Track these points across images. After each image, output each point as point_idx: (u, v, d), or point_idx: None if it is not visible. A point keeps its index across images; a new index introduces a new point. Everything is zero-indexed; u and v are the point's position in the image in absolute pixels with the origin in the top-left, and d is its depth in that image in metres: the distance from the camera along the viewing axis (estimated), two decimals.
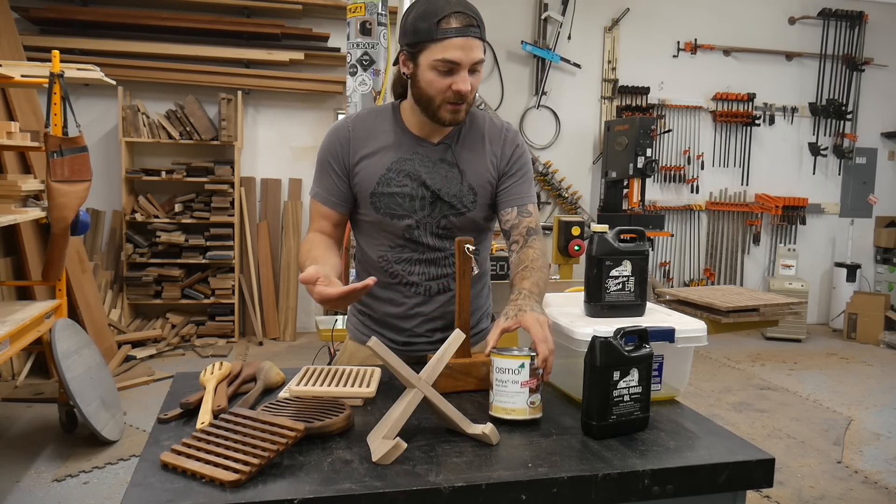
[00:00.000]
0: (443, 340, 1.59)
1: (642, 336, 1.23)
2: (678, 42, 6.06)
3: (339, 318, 3.58)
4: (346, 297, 1.27)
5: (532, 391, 1.22)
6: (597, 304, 1.43)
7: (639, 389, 1.21)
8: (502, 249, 3.69)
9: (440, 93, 1.44)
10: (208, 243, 5.15)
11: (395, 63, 1.53)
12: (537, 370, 1.23)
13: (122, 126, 4.96)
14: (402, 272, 1.58)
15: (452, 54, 1.40)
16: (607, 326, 1.30)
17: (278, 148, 5.49)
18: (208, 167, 5.13)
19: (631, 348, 1.21)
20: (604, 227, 1.51)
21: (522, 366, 1.21)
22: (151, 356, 4.71)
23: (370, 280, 1.29)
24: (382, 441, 1.06)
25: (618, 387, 1.19)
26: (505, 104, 5.73)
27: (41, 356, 4.21)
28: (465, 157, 1.57)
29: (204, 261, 5.16)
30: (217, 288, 5.18)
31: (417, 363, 1.36)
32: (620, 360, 1.19)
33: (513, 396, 1.22)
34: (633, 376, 1.21)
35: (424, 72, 1.44)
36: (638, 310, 1.44)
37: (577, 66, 5.83)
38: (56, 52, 3.24)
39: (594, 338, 1.20)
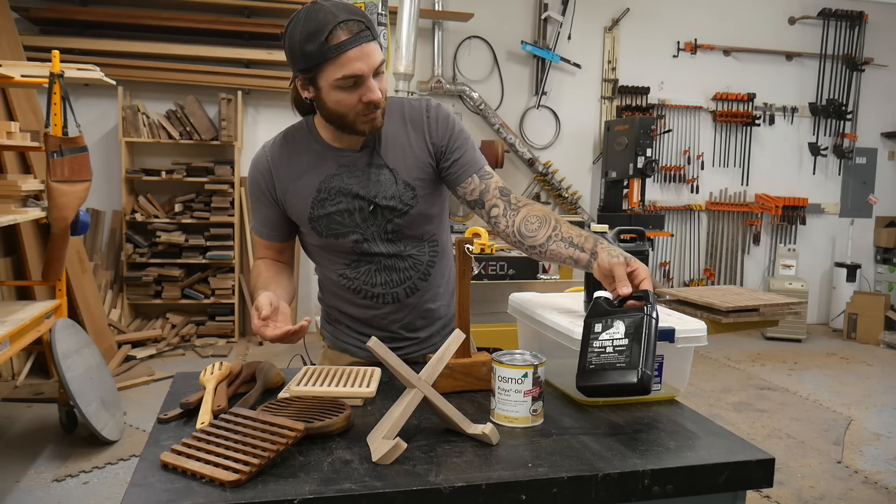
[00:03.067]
0: (426, 339, 1.62)
1: (642, 297, 1.23)
2: (678, 42, 6.06)
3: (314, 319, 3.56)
4: (282, 338, 1.29)
5: (535, 399, 1.22)
6: None
7: (624, 342, 1.17)
8: (503, 249, 3.69)
9: (351, 108, 1.37)
10: (208, 243, 5.15)
11: (292, 85, 1.46)
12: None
13: (122, 126, 4.96)
14: (365, 286, 1.54)
15: (353, 68, 1.32)
16: None
17: None
18: (208, 167, 5.13)
19: (633, 305, 1.22)
20: (604, 227, 1.49)
21: (525, 375, 1.21)
22: (151, 356, 4.71)
23: (304, 322, 1.26)
24: (382, 441, 1.06)
25: (599, 338, 1.19)
26: (505, 104, 5.74)
27: (41, 356, 4.21)
28: (392, 155, 1.48)
29: (204, 261, 5.16)
30: (217, 288, 5.18)
31: (417, 363, 1.36)
32: (604, 312, 1.22)
33: (515, 405, 1.22)
34: (618, 329, 1.19)
35: (329, 93, 1.36)
36: None
37: (577, 66, 5.83)
38: (56, 52, 3.24)
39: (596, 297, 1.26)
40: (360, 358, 1.62)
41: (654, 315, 1.20)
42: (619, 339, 1.18)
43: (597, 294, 1.28)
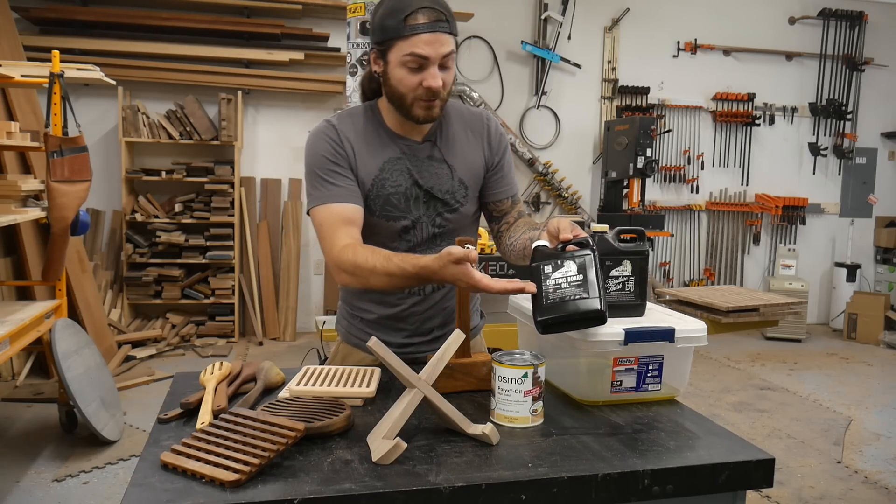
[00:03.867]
0: (440, 338, 1.61)
1: (584, 244, 1.28)
2: (678, 42, 6.06)
3: (327, 318, 3.57)
4: (502, 291, 1.24)
5: (535, 399, 1.22)
6: None
7: (579, 277, 1.24)
8: None
9: (411, 90, 1.42)
10: (208, 243, 5.15)
11: (367, 63, 1.51)
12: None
13: (122, 126, 4.96)
14: None
15: (421, 49, 1.38)
16: (606, 328, 1.30)
17: (278, 148, 5.49)
18: (208, 167, 5.13)
19: (574, 250, 1.28)
20: (604, 227, 1.50)
21: (525, 375, 1.21)
22: (151, 356, 4.71)
23: (531, 287, 1.25)
24: (382, 441, 1.06)
25: (551, 276, 1.26)
26: (505, 104, 5.73)
27: (41, 356, 4.21)
28: (452, 152, 1.55)
29: (204, 261, 5.16)
30: (217, 288, 5.18)
31: (417, 363, 1.36)
32: (551, 255, 1.28)
33: (515, 405, 1.22)
34: (570, 267, 1.25)
35: (394, 69, 1.42)
36: (638, 310, 1.44)
37: (577, 66, 5.83)
38: (56, 52, 3.24)
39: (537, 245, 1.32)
40: (372, 355, 1.62)
41: (597, 255, 1.29)
42: (574, 275, 1.25)
43: (536, 243, 1.33)
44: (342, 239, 1.41)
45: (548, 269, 1.27)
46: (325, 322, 3.38)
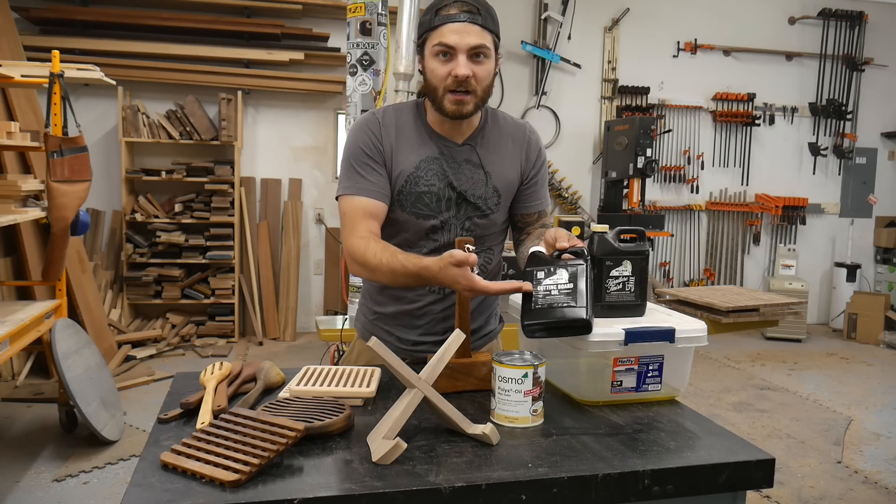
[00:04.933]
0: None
1: (579, 254, 1.31)
2: (678, 42, 6.06)
3: (340, 318, 3.57)
4: (499, 292, 1.32)
5: (535, 399, 1.22)
6: (597, 303, 1.42)
7: (569, 285, 1.27)
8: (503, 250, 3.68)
9: (441, 80, 1.44)
10: (208, 243, 5.15)
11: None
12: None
13: (122, 126, 4.96)
14: None
15: (447, 38, 1.41)
16: (607, 328, 1.30)
17: (278, 148, 5.50)
18: (208, 167, 5.13)
19: (569, 259, 1.32)
20: (604, 227, 1.50)
21: (525, 375, 1.21)
22: (151, 356, 4.71)
23: (527, 285, 1.30)
24: (382, 441, 1.06)
25: (543, 283, 1.29)
26: (505, 104, 5.73)
27: (41, 356, 4.21)
28: (490, 159, 1.57)
29: (204, 261, 5.16)
30: (217, 288, 5.18)
31: (418, 363, 1.36)
32: (545, 262, 1.32)
33: (515, 405, 1.22)
34: (562, 276, 1.29)
35: (428, 61, 1.46)
36: (638, 310, 1.44)
37: (577, 66, 5.83)
38: (56, 52, 3.24)
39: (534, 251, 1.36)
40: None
41: (590, 266, 1.32)
42: (564, 283, 1.28)
43: (532, 248, 1.37)
44: (360, 231, 1.46)
45: (540, 274, 1.30)
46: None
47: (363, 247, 1.42)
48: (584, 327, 1.25)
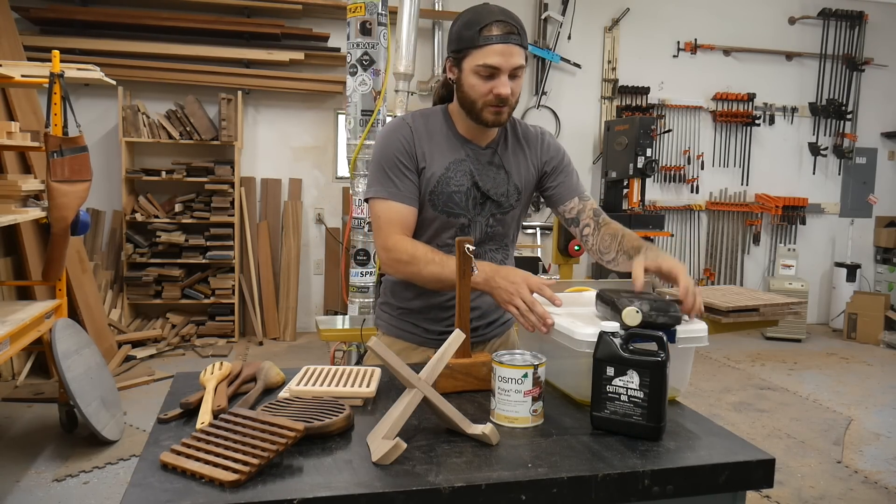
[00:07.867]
0: (475, 329, 1.68)
1: (659, 342, 1.18)
2: (678, 42, 6.06)
3: (340, 317, 3.56)
4: (543, 315, 1.39)
5: (535, 399, 1.22)
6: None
7: (639, 394, 1.17)
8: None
9: (482, 96, 1.53)
10: (208, 243, 5.15)
11: (443, 70, 1.63)
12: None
13: (122, 126, 4.96)
14: None
15: (493, 60, 1.49)
16: (607, 328, 1.30)
17: (278, 148, 5.50)
18: (208, 167, 5.13)
19: (634, 350, 1.18)
20: (632, 311, 1.46)
21: (525, 375, 1.21)
22: (151, 356, 4.71)
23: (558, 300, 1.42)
24: (382, 441, 1.06)
25: (612, 383, 1.19)
26: None
27: (41, 356, 4.21)
28: (510, 161, 1.68)
29: (204, 261, 5.16)
30: (217, 288, 5.18)
31: (417, 363, 1.36)
32: (616, 358, 1.18)
33: (515, 405, 1.22)
34: (633, 378, 1.17)
35: (468, 76, 1.54)
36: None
37: (577, 66, 5.83)
38: (56, 52, 3.24)
39: (601, 332, 1.20)
40: (413, 343, 1.71)
41: (667, 358, 1.17)
42: (635, 389, 1.17)
43: (602, 328, 1.22)
44: (398, 232, 1.58)
45: (610, 370, 1.19)
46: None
47: (409, 246, 1.55)
48: (653, 437, 1.18)
